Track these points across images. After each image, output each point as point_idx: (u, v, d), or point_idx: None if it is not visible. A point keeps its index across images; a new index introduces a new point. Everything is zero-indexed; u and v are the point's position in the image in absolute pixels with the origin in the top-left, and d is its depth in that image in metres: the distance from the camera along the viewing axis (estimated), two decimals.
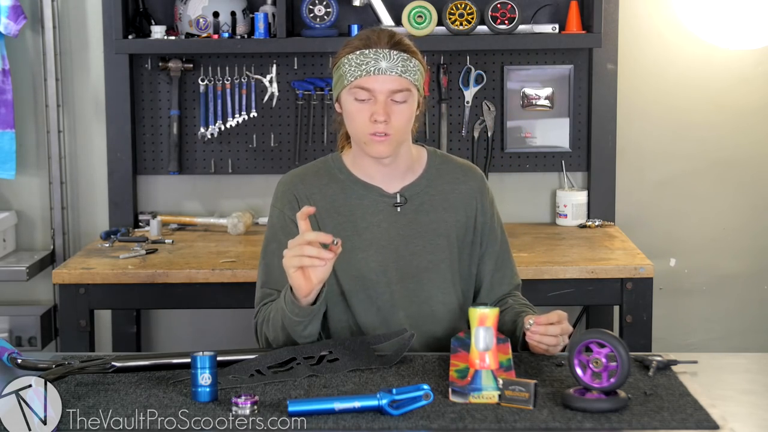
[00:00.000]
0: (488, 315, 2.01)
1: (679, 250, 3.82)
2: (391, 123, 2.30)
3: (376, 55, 2.30)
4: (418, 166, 2.44)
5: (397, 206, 2.40)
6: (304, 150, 3.73)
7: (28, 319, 3.67)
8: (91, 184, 3.78)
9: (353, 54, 2.31)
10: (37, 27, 3.69)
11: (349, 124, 2.35)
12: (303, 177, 2.45)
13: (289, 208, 2.39)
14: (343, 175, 2.42)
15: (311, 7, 3.56)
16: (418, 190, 2.42)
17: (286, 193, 2.43)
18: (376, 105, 2.29)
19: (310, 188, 2.41)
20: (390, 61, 2.30)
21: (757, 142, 3.78)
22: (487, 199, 2.48)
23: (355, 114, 2.32)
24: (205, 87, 3.69)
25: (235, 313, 3.79)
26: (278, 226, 2.40)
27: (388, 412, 1.88)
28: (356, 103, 2.31)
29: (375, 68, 2.29)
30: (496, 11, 3.54)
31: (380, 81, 2.29)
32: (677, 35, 3.73)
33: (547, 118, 3.74)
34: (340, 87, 2.34)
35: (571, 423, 1.87)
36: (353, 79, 2.30)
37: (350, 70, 2.30)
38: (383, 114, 2.29)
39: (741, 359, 2.37)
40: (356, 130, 2.33)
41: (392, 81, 2.30)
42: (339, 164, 2.44)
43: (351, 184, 2.41)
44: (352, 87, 2.31)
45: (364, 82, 2.30)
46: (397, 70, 2.30)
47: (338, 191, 2.41)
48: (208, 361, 1.97)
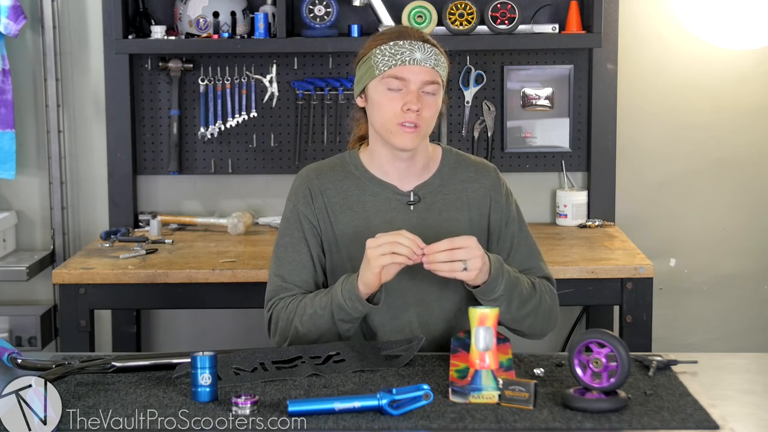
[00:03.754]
0: (488, 315, 2.01)
1: (679, 250, 3.82)
2: (422, 114, 2.31)
3: (411, 46, 2.31)
4: (432, 164, 2.45)
5: (411, 204, 2.40)
6: (304, 150, 3.73)
7: (28, 319, 3.67)
8: (91, 184, 3.78)
9: (386, 45, 2.32)
10: (37, 27, 3.69)
11: (377, 114, 2.35)
12: (319, 171, 2.45)
13: (303, 203, 2.41)
14: (358, 172, 2.43)
15: (311, 7, 3.56)
16: (432, 188, 2.42)
17: (301, 187, 2.44)
18: (409, 95, 2.30)
19: (324, 182, 2.42)
20: (424, 53, 2.32)
21: (757, 142, 3.78)
22: (502, 195, 2.45)
23: (386, 103, 2.32)
24: (205, 87, 3.69)
25: (235, 313, 3.79)
26: (292, 220, 2.42)
27: (388, 412, 1.89)
28: (388, 92, 2.32)
29: (410, 58, 2.30)
30: (496, 11, 3.54)
31: (415, 71, 2.31)
32: (677, 35, 3.73)
33: (547, 118, 3.74)
34: (369, 78, 2.34)
35: (571, 423, 1.87)
36: (386, 69, 2.31)
37: (383, 60, 2.31)
38: (416, 103, 2.29)
39: (741, 359, 2.37)
40: (385, 119, 2.33)
41: (426, 72, 2.31)
42: (356, 161, 2.45)
43: (366, 180, 2.42)
44: (386, 76, 2.31)
45: (398, 72, 2.31)
46: (431, 62, 2.32)
47: (353, 187, 2.42)
48: (208, 361, 1.97)
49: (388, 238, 2.18)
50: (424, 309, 2.38)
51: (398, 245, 2.17)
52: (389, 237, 2.19)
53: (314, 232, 2.39)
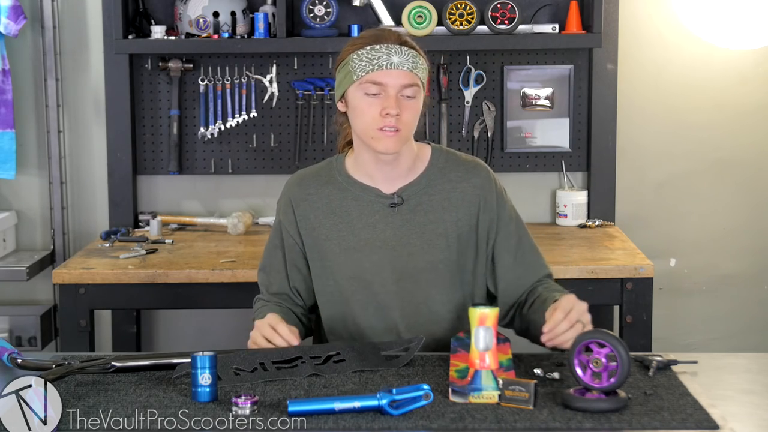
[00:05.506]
0: (488, 315, 2.01)
1: (679, 250, 3.82)
2: (402, 118, 2.30)
3: (388, 50, 2.30)
4: (420, 165, 2.43)
5: (394, 206, 2.40)
6: (304, 150, 3.73)
7: (28, 319, 3.67)
8: (91, 184, 3.78)
9: (363, 49, 2.31)
10: (37, 27, 3.69)
11: (357, 119, 2.34)
12: (302, 178, 2.47)
13: (283, 212, 2.47)
14: (341, 177, 2.43)
15: (311, 7, 3.56)
16: (417, 189, 2.41)
17: (283, 196, 2.49)
18: (388, 99, 2.30)
19: (306, 189, 2.44)
20: (401, 56, 2.30)
21: (757, 142, 3.78)
22: (493, 195, 2.43)
23: (365, 109, 2.31)
24: (205, 87, 3.69)
25: (235, 313, 3.78)
26: (275, 227, 2.51)
27: (388, 412, 1.88)
28: (366, 97, 2.31)
29: (387, 62, 2.30)
30: (496, 11, 3.54)
31: (392, 75, 2.30)
32: (677, 35, 3.73)
33: (547, 118, 3.74)
34: (348, 83, 2.33)
35: (571, 423, 1.87)
36: (364, 74, 2.30)
37: (361, 65, 2.31)
38: (395, 107, 2.29)
39: (741, 359, 2.37)
40: (365, 125, 2.32)
41: (404, 76, 2.30)
42: (340, 166, 2.45)
43: (348, 185, 2.42)
44: (363, 82, 2.31)
45: (376, 77, 2.30)
46: (408, 65, 2.31)
47: (335, 192, 2.42)
48: (208, 361, 1.97)
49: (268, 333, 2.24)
50: (411, 310, 2.39)
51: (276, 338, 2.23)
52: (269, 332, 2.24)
53: (291, 241, 2.45)
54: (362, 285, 2.38)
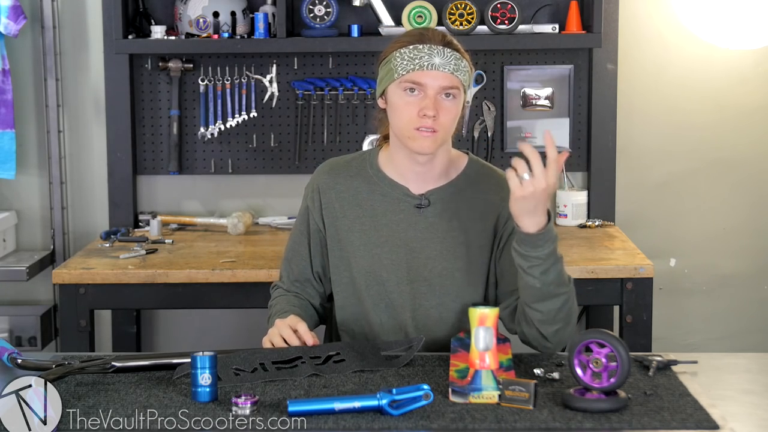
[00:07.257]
0: (488, 315, 2.01)
1: (679, 250, 3.82)
2: (439, 119, 2.29)
3: (430, 51, 2.30)
4: (453, 171, 2.43)
5: (420, 208, 2.40)
6: (304, 150, 3.73)
7: (28, 319, 3.67)
8: (91, 184, 3.78)
9: (406, 48, 2.31)
10: (37, 27, 3.69)
11: (395, 118, 2.35)
12: (332, 167, 2.49)
13: (310, 198, 2.48)
14: (372, 171, 2.44)
15: (311, 7, 3.56)
16: (446, 195, 2.40)
17: (311, 183, 2.50)
18: (426, 100, 2.29)
19: (335, 179, 2.45)
20: (443, 58, 2.30)
21: (757, 142, 3.78)
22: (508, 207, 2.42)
23: (403, 108, 2.31)
24: (205, 87, 3.69)
25: (235, 313, 3.79)
26: (301, 213, 2.50)
27: (388, 412, 1.89)
28: (405, 96, 2.31)
29: (428, 63, 2.29)
30: (496, 11, 3.54)
31: (432, 76, 2.29)
32: (677, 35, 3.73)
33: (547, 118, 3.74)
34: (389, 81, 2.33)
35: (571, 423, 1.87)
36: (405, 73, 2.30)
37: (402, 64, 2.30)
38: (433, 109, 2.28)
39: (741, 359, 2.38)
40: (403, 124, 2.32)
41: (444, 77, 2.30)
42: (372, 159, 2.46)
43: (378, 180, 2.42)
44: (403, 80, 2.31)
45: (416, 77, 2.30)
46: (450, 68, 2.30)
47: (363, 184, 2.43)
48: (208, 361, 1.97)
49: (287, 334, 2.25)
50: (422, 314, 2.39)
51: (293, 340, 2.23)
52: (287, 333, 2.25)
53: (315, 227, 2.45)
54: (376, 281, 2.39)
